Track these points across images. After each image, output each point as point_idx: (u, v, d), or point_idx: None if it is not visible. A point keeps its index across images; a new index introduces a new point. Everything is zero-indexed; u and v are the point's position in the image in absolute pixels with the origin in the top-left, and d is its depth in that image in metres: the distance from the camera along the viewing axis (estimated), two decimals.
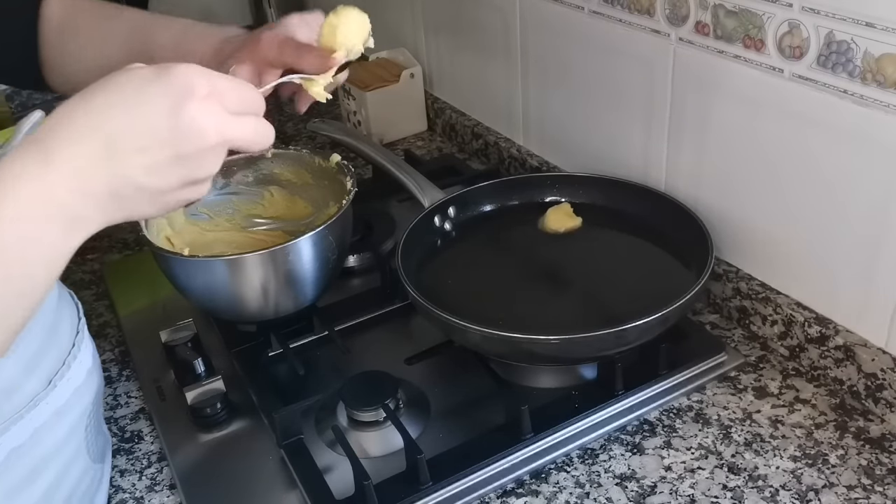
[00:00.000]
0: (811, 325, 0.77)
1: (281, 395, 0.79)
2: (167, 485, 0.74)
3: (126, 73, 0.49)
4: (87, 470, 0.66)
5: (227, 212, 0.95)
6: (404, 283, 0.79)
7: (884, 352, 0.72)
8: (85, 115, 0.48)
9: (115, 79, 0.49)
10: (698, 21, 0.80)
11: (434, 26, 1.28)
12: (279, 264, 0.79)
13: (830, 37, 0.68)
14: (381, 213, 1.06)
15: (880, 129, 0.67)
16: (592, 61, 0.96)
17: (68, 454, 0.62)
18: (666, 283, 0.80)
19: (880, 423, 0.72)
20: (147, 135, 0.47)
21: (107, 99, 0.48)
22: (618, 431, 0.74)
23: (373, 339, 0.87)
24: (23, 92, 1.63)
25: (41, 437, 0.59)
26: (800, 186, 0.76)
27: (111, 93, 0.48)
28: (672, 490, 0.68)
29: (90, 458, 0.66)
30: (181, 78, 0.48)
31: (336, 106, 1.41)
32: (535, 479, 0.71)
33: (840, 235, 0.73)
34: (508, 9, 1.06)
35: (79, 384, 0.62)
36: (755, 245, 0.83)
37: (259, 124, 0.53)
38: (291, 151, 0.95)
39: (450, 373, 0.81)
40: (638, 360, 0.76)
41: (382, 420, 0.74)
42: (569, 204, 0.94)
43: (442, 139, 1.33)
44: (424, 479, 0.68)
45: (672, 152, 0.89)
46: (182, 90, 0.48)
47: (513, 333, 0.71)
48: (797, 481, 0.68)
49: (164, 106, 0.47)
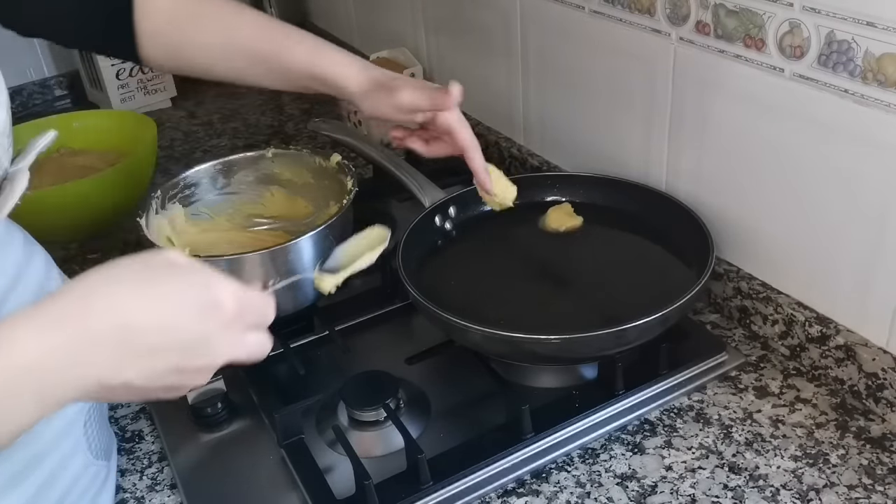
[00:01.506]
0: (812, 324, 0.77)
1: (281, 395, 0.79)
2: (168, 484, 0.74)
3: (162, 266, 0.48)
4: (87, 466, 0.66)
5: (227, 211, 0.95)
6: (405, 282, 0.79)
7: (884, 351, 0.72)
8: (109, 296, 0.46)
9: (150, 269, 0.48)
10: (699, 20, 0.80)
11: (434, 26, 1.28)
12: (280, 264, 0.79)
13: (831, 36, 0.68)
14: (381, 212, 1.06)
15: (881, 128, 0.67)
16: (593, 61, 0.96)
17: (66, 448, 0.62)
18: (666, 282, 0.80)
19: (881, 423, 0.72)
20: (168, 339, 0.46)
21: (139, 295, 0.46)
22: (618, 431, 0.74)
23: (373, 338, 0.87)
24: (24, 92, 1.63)
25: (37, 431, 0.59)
26: (800, 185, 0.76)
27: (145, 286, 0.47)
28: (673, 490, 0.68)
29: (91, 454, 0.66)
30: (215, 292, 0.48)
31: (336, 106, 1.41)
32: (535, 478, 0.71)
33: (841, 235, 0.73)
34: (509, 8, 1.06)
35: None
36: (756, 245, 0.83)
37: (261, 338, 0.52)
38: (292, 151, 0.95)
39: (450, 372, 0.81)
40: (638, 359, 0.76)
41: (383, 420, 0.74)
42: (569, 203, 0.94)
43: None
44: (425, 478, 0.68)
45: (673, 152, 0.89)
46: (214, 307, 0.48)
47: (513, 333, 0.71)
48: (798, 481, 0.68)
49: (192, 315, 0.47)
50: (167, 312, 0.46)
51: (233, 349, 0.50)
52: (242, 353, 0.50)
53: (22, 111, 1.61)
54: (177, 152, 1.38)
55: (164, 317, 0.46)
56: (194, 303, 0.47)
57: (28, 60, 1.63)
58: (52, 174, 1.10)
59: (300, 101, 1.51)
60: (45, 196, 1.03)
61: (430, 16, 1.28)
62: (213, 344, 0.48)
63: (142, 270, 0.48)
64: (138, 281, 0.47)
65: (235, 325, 0.49)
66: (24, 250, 0.65)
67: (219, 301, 0.48)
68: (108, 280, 0.47)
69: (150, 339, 0.46)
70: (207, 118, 1.50)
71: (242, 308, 0.49)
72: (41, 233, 0.71)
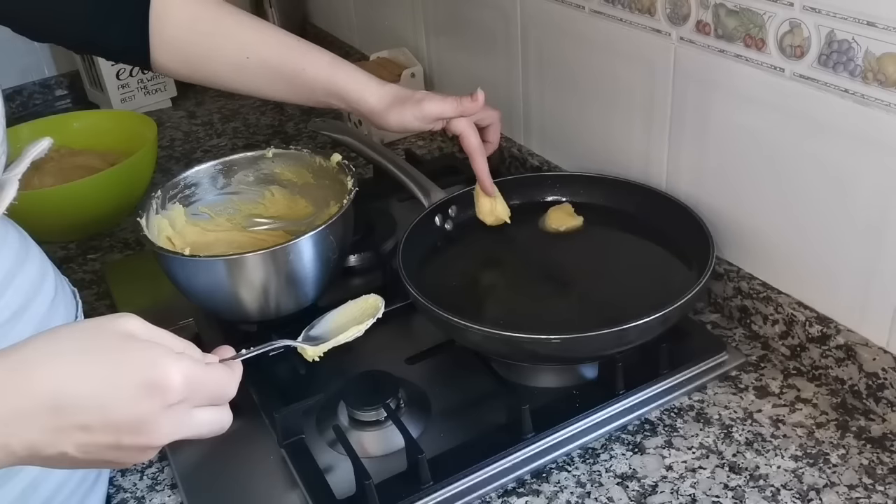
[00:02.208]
0: (812, 324, 0.77)
1: (282, 395, 0.79)
2: (168, 484, 0.74)
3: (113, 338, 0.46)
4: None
5: (227, 211, 0.95)
6: (405, 282, 0.79)
7: (885, 351, 0.72)
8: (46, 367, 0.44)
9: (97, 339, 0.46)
10: (699, 20, 0.80)
11: (435, 26, 1.28)
12: (280, 264, 0.79)
13: (831, 36, 0.68)
14: (381, 212, 1.06)
15: (881, 128, 0.67)
16: (593, 61, 0.96)
17: None
18: (667, 282, 0.80)
19: (881, 423, 0.72)
20: (101, 417, 0.44)
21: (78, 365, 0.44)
22: (619, 431, 0.74)
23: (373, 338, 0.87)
24: (24, 92, 1.63)
25: None
26: (801, 185, 0.76)
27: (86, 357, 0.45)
28: (673, 490, 0.68)
29: None
30: (160, 372, 0.45)
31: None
32: (536, 478, 0.71)
33: (841, 234, 0.73)
34: (509, 8, 1.06)
35: None
36: (756, 244, 0.83)
37: (217, 416, 0.50)
38: (292, 151, 0.95)
39: (451, 372, 0.81)
40: (639, 359, 0.76)
41: (383, 420, 0.74)
42: (569, 203, 0.94)
43: (443, 139, 1.33)
44: (425, 478, 0.68)
45: (673, 152, 0.89)
46: (155, 387, 0.45)
47: (514, 333, 0.71)
48: (798, 481, 0.68)
49: (129, 396, 0.45)
50: (103, 391, 0.44)
51: (176, 430, 0.47)
52: (189, 432, 0.48)
53: (22, 111, 1.61)
54: (177, 152, 1.38)
55: (100, 396, 0.44)
56: (135, 382, 0.45)
57: (28, 60, 1.63)
58: (52, 174, 1.10)
59: None
60: (45, 196, 1.03)
61: (430, 16, 1.28)
62: (152, 425, 0.46)
63: (87, 341, 0.46)
64: (80, 354, 0.45)
65: (182, 405, 0.47)
66: (19, 249, 0.65)
67: (163, 381, 0.45)
68: (48, 351, 0.45)
69: (83, 416, 0.44)
70: (208, 118, 1.50)
71: (194, 387, 0.47)
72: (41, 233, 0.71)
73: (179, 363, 0.46)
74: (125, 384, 0.45)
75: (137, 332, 0.47)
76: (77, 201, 1.06)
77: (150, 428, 0.46)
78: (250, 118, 1.48)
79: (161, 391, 0.45)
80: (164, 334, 0.49)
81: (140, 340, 0.47)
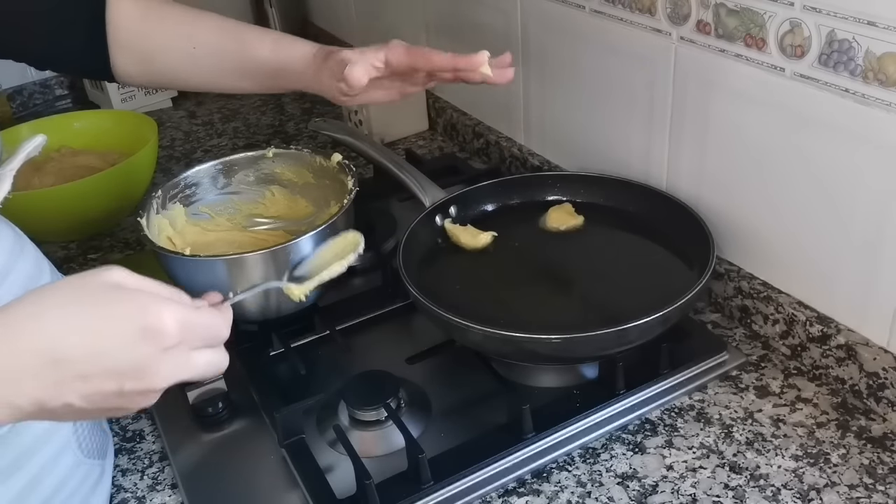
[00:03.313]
0: (813, 324, 0.77)
1: (282, 395, 0.79)
2: (169, 484, 0.74)
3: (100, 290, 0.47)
4: (78, 464, 0.66)
5: (228, 211, 0.95)
6: (405, 282, 0.79)
7: (885, 351, 0.72)
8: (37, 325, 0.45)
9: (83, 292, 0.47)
10: (699, 20, 0.80)
11: (435, 25, 1.28)
12: (280, 264, 0.79)
13: (832, 35, 0.68)
14: (382, 212, 1.06)
15: (882, 127, 0.67)
16: (593, 60, 0.96)
17: (54, 446, 0.62)
18: (667, 282, 0.80)
19: (882, 423, 0.72)
20: (99, 366, 0.45)
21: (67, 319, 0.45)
22: (619, 431, 0.74)
23: (374, 338, 0.87)
24: (24, 92, 1.63)
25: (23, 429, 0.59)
26: (801, 185, 0.76)
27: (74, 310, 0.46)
28: (674, 489, 0.68)
29: (82, 453, 0.66)
30: (153, 318, 0.46)
31: (337, 105, 1.41)
32: (536, 478, 0.71)
33: (842, 234, 0.73)
34: (509, 8, 1.06)
35: None
36: (756, 244, 0.83)
37: (214, 357, 0.51)
38: (293, 151, 0.95)
39: (451, 372, 0.81)
40: (639, 359, 0.76)
41: (384, 419, 0.74)
42: (570, 203, 0.94)
43: (443, 138, 1.33)
44: (426, 478, 0.68)
45: (673, 151, 0.89)
46: (151, 333, 0.46)
47: (514, 333, 0.71)
48: (799, 480, 0.68)
49: (125, 342, 0.45)
50: (98, 341, 0.45)
51: (176, 371, 0.48)
52: (189, 374, 0.49)
53: (22, 111, 1.61)
54: (177, 152, 1.38)
55: (95, 346, 0.45)
56: (127, 329, 0.45)
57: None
58: (52, 174, 1.10)
59: (301, 100, 1.51)
60: (45, 196, 1.03)
61: (430, 16, 1.28)
62: (151, 369, 0.46)
63: (74, 295, 0.46)
64: (69, 306, 0.46)
65: (178, 347, 0.47)
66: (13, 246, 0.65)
67: (156, 326, 0.46)
68: (36, 310, 0.45)
69: (81, 367, 0.45)
70: (208, 118, 1.51)
71: (187, 329, 0.48)
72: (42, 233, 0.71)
73: (171, 307, 0.47)
74: (119, 332, 0.45)
75: (124, 281, 0.48)
76: (77, 201, 1.06)
77: (150, 372, 0.46)
78: (251, 118, 1.48)
79: (156, 336, 0.46)
80: (151, 282, 0.49)
81: (128, 289, 0.47)
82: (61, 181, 1.08)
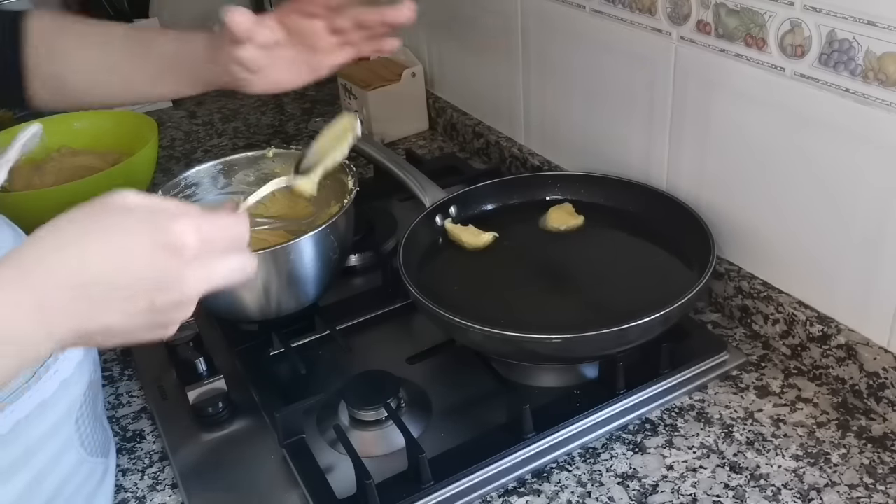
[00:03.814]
0: (813, 324, 0.77)
1: (283, 395, 0.79)
2: (169, 484, 0.74)
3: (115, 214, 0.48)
4: (81, 463, 0.65)
5: None
6: (406, 282, 0.79)
7: (886, 351, 0.72)
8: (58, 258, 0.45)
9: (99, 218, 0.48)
10: (700, 20, 0.80)
11: (435, 25, 1.28)
12: (281, 263, 0.79)
13: (832, 35, 0.68)
14: (382, 212, 1.06)
15: (882, 127, 0.67)
16: (594, 60, 0.96)
17: (57, 446, 0.62)
18: (667, 282, 0.80)
19: (882, 422, 0.72)
20: (126, 284, 0.46)
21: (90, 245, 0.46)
22: (619, 430, 0.74)
23: (374, 338, 0.87)
24: None
25: (25, 428, 0.59)
26: (801, 185, 0.76)
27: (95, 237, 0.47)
28: (674, 489, 0.68)
29: (85, 452, 0.66)
30: (170, 233, 0.47)
31: (337, 105, 1.41)
32: (536, 478, 0.71)
33: (842, 234, 0.73)
34: (510, 8, 1.06)
35: (66, 377, 0.62)
36: (757, 244, 0.83)
37: (241, 261, 0.51)
38: (293, 151, 0.95)
39: (451, 372, 0.81)
40: (639, 359, 0.76)
41: (384, 419, 0.74)
42: (570, 203, 0.94)
43: (443, 138, 1.33)
44: (426, 478, 0.68)
45: (673, 151, 0.89)
46: (171, 247, 0.47)
47: (514, 332, 0.71)
48: (799, 480, 0.68)
49: (148, 261, 0.46)
50: (121, 263, 0.46)
51: (206, 280, 0.49)
52: (219, 281, 0.50)
53: (22, 111, 1.61)
54: (177, 152, 1.38)
55: (118, 264, 0.46)
56: (149, 245, 0.46)
57: None
58: (52, 174, 1.10)
59: (301, 100, 1.51)
60: (45, 196, 1.03)
61: (430, 15, 1.28)
62: (180, 280, 0.47)
63: (90, 223, 0.48)
64: (88, 231, 0.47)
65: (202, 257, 0.48)
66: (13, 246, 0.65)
67: (177, 239, 0.47)
68: (55, 244, 0.46)
69: (107, 288, 0.46)
70: (208, 118, 1.51)
71: (206, 237, 0.48)
72: None
73: (185, 220, 0.48)
74: (140, 252, 0.46)
75: (135, 203, 0.49)
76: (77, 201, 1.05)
77: (179, 283, 0.47)
78: (251, 118, 1.48)
79: (176, 249, 0.47)
80: (162, 200, 0.50)
81: (140, 210, 0.48)
82: (61, 181, 1.08)
